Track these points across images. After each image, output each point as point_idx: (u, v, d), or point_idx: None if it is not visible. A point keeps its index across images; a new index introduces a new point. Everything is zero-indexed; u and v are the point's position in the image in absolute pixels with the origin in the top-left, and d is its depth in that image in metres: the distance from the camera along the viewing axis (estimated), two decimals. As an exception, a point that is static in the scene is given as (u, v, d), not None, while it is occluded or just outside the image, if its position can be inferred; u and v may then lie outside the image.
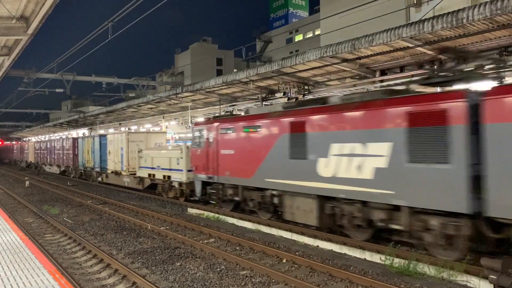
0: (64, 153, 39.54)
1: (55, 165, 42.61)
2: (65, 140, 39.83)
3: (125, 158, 26.24)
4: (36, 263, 8.05)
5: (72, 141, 36.82)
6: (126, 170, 26.23)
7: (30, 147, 54.27)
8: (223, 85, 19.21)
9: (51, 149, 43.74)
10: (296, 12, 75.96)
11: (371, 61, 14.05)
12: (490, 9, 9.40)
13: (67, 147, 38.23)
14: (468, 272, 8.72)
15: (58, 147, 41.39)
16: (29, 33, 11.52)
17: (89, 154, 32.61)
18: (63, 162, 40.01)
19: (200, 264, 10.31)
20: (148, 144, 26.41)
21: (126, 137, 26.48)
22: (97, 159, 30.67)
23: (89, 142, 32.56)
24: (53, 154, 43.09)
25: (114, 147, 27.90)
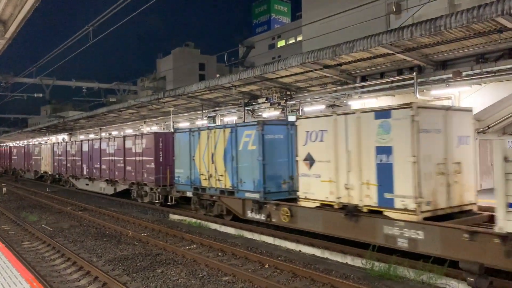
0: (128, 160, 23.08)
1: (102, 180, 26.24)
2: (135, 138, 22.56)
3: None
4: (13, 272, 7.86)
5: (155, 138, 20.76)
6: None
7: (44, 152, 37.76)
8: (206, 90, 19.20)
9: (92, 154, 27.65)
10: (278, 18, 76.46)
11: (352, 67, 14.25)
12: (467, 17, 9.64)
13: (138, 150, 22.01)
14: (447, 275, 8.86)
15: (110, 151, 25.14)
16: (7, 37, 11.31)
17: (218, 160, 15.54)
18: (123, 175, 23.44)
19: (182, 270, 10.23)
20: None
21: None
22: (256, 171, 13.82)
23: (223, 136, 15.29)
24: (97, 162, 26.82)
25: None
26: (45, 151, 37.64)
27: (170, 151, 20.01)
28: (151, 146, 20.83)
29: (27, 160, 43.84)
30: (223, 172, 15.16)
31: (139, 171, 21.79)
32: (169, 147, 20.15)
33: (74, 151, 30.65)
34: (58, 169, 34.34)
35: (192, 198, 17.25)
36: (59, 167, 34.20)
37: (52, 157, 35.53)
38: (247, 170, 14.13)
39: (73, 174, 31.03)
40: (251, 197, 13.94)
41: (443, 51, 12.12)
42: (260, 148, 13.53)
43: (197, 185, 16.61)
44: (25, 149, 45.06)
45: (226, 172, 14.98)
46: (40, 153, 39.07)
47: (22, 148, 47.00)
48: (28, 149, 43.96)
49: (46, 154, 37.21)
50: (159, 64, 77.84)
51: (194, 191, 16.84)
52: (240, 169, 14.45)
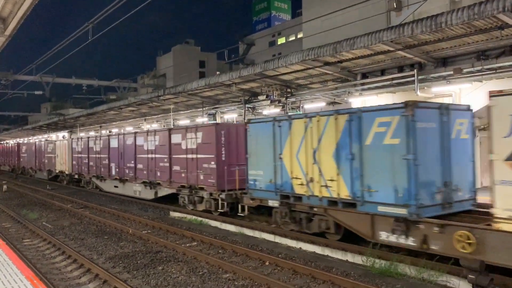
0: (175, 158, 19.01)
1: (138, 182, 22.08)
2: (185, 132, 18.32)
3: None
4: (13, 269, 7.86)
5: (216, 131, 16.56)
6: None
7: (60, 149, 33.44)
8: (206, 87, 19.16)
9: (123, 151, 23.63)
10: (278, 15, 76.33)
11: (352, 64, 14.21)
12: (468, 14, 9.61)
13: (191, 146, 17.87)
14: (448, 272, 8.85)
15: (149, 147, 21.01)
16: (7, 34, 11.30)
17: (324, 158, 11.74)
18: (169, 177, 19.48)
19: (183, 268, 10.23)
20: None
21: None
22: (402, 175, 9.73)
23: (334, 125, 11.39)
24: (131, 161, 22.73)
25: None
26: (61, 148, 33.22)
27: (235, 147, 16.69)
28: (210, 140, 16.70)
29: (39, 158, 39.42)
30: (334, 175, 11.17)
31: (193, 172, 17.67)
32: (234, 142, 16.68)
33: (99, 147, 26.52)
34: (78, 168, 30.07)
35: (277, 209, 13.23)
36: (79, 166, 29.84)
37: (70, 155, 31.18)
38: (381, 174, 10.09)
39: (97, 174, 26.89)
40: (390, 213, 9.86)
41: (444, 48, 12.08)
42: (408, 142, 9.44)
43: (286, 192, 12.70)
44: (36, 146, 40.56)
45: (339, 175, 11.00)
46: (54, 150, 34.87)
47: (32, 145, 42.42)
48: (40, 146, 39.62)
49: (62, 151, 32.78)
50: (159, 61, 77.72)
51: (282, 199, 12.90)
52: (367, 171, 10.40)
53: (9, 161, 53.38)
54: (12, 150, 51.97)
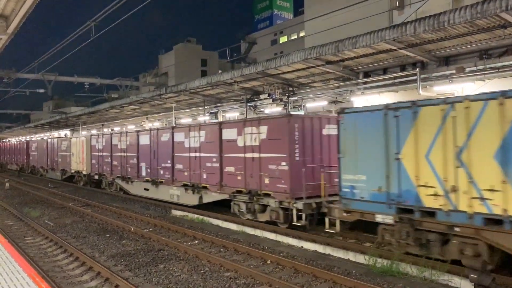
0: (228, 158, 16.29)
1: (177, 185, 19.16)
2: (243, 126, 15.60)
3: None
4: (15, 267, 7.88)
5: (289, 125, 13.84)
6: None
7: (76, 147, 30.31)
8: (208, 86, 19.15)
9: (157, 149, 20.81)
10: (280, 13, 76.31)
11: (354, 63, 14.18)
12: (471, 13, 9.57)
13: (251, 143, 15.18)
14: (450, 271, 8.84)
15: (191, 144, 18.29)
16: (9, 32, 11.28)
17: (477, 160, 8.78)
18: (219, 180, 16.66)
19: (184, 266, 10.25)
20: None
21: None
22: None
23: (496, 113, 8.43)
24: (166, 160, 20.02)
25: None
26: (77, 146, 29.97)
27: (312, 144, 13.99)
28: (280, 136, 13.85)
29: (51, 156, 36.27)
30: (496, 183, 8.32)
31: (254, 175, 14.76)
32: (310, 138, 13.98)
33: (125, 145, 23.53)
34: (99, 168, 26.92)
35: (390, 226, 10.29)
36: (100, 165, 26.66)
37: (88, 153, 28.21)
38: None
39: (123, 175, 23.78)
40: None
41: (446, 47, 12.04)
42: None
43: (407, 205, 9.83)
44: (48, 144, 37.48)
45: (507, 184, 8.16)
46: (69, 148, 31.71)
47: (43, 142, 39.17)
48: (52, 143, 36.41)
49: (79, 149, 29.53)
50: (161, 60, 77.79)
51: (399, 213, 9.96)
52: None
53: (16, 159, 50.09)
54: (20, 148, 48.52)
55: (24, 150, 46.20)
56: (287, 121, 13.66)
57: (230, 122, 16.82)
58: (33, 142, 44.22)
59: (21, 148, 47.80)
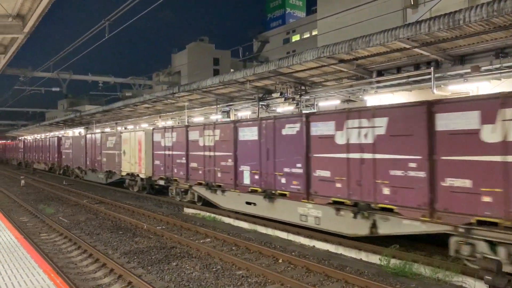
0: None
1: (314, 202, 12.60)
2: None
3: None
4: (31, 263, 8.01)
5: None
6: None
7: (130, 143, 24.47)
8: (220, 85, 19.20)
9: (273, 146, 14.19)
10: (293, 12, 76.08)
11: (368, 61, 14.09)
12: (487, 11, 9.44)
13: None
14: (464, 272, 8.75)
15: (359, 139, 11.23)
16: (26, 32, 11.45)
17: None
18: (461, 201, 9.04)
19: (196, 264, 10.30)
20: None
21: None
22: None
23: None
24: (297, 162, 13.19)
25: None
26: (130, 143, 24.01)
27: None
28: None
29: (92, 155, 30.53)
30: None
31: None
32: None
33: (212, 141, 17.17)
34: (165, 171, 20.70)
35: None
36: (168, 168, 20.44)
37: (149, 152, 22.12)
38: None
39: (208, 181, 17.48)
40: None
41: (461, 46, 11.89)
42: None
43: None
44: (87, 140, 31.76)
45: None
46: (118, 145, 25.89)
47: (81, 138, 33.71)
48: (93, 140, 30.60)
49: (134, 146, 23.54)
50: (174, 58, 78.16)
51: None
52: None
53: (45, 158, 44.12)
54: (50, 145, 42.22)
55: (54, 147, 40.53)
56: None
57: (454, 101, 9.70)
58: (66, 138, 38.61)
59: (51, 146, 41.96)
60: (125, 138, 25.11)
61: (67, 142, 37.24)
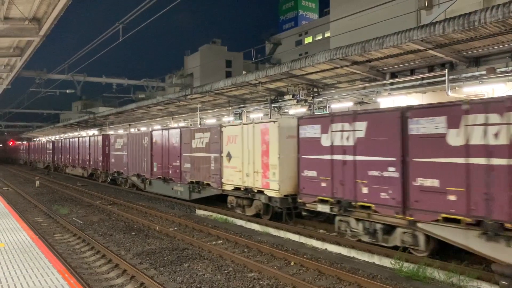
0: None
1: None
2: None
3: None
4: (45, 263, 8.10)
5: None
6: None
7: (248, 141, 16.09)
8: (232, 87, 19.24)
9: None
10: (305, 14, 75.95)
11: (381, 63, 13.99)
12: (503, 12, 9.31)
13: None
14: (479, 277, 8.61)
15: None
16: (41, 34, 11.62)
17: None
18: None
19: (208, 265, 10.32)
20: None
21: None
22: None
23: None
24: None
25: None
26: (243, 140, 16.37)
27: None
28: None
29: (164, 159, 22.20)
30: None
31: None
32: None
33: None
34: (332, 187, 12.35)
35: None
36: (342, 182, 12.00)
37: (288, 155, 14.46)
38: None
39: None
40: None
41: (476, 47, 11.74)
42: None
43: None
44: (154, 138, 23.59)
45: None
46: (216, 145, 18.00)
47: (142, 136, 24.94)
48: (166, 138, 22.23)
49: (249, 146, 15.95)
50: (186, 61, 78.53)
51: None
52: None
53: (83, 161, 35.97)
54: (91, 145, 34.15)
55: (98, 148, 32.45)
56: None
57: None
58: (117, 136, 29.26)
59: (93, 146, 33.73)
60: (231, 134, 17.10)
61: (119, 142, 28.61)
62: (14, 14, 10.91)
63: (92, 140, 34.44)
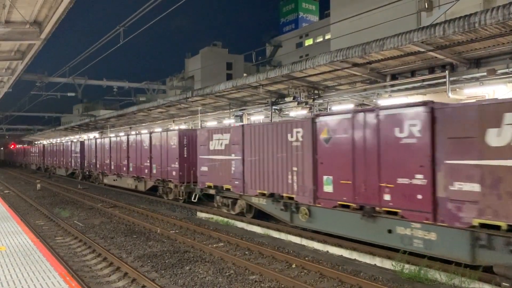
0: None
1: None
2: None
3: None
4: (47, 266, 8.10)
5: None
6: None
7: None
8: (233, 89, 19.26)
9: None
10: (306, 16, 75.98)
11: (381, 65, 14.01)
12: (503, 13, 9.32)
13: None
14: (480, 279, 8.60)
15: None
16: (42, 38, 11.65)
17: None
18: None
19: (209, 268, 10.31)
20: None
21: None
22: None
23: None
24: None
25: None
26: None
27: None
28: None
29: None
30: None
31: None
32: None
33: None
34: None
35: None
36: None
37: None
38: None
39: None
40: None
41: (477, 49, 11.75)
42: None
43: None
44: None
45: None
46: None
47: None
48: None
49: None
50: (187, 63, 78.63)
51: None
52: None
53: (138, 169, 26.00)
54: (135, 145, 26.54)
55: (169, 149, 22.65)
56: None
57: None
58: (215, 131, 18.15)
59: (137, 146, 26.18)
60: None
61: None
62: (15, 17, 10.93)
63: (157, 138, 23.91)
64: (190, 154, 21.69)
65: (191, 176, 20.78)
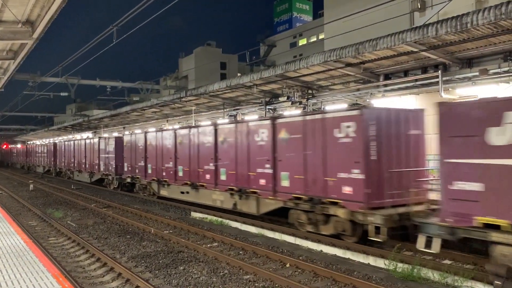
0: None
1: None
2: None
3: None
4: (40, 267, 8.05)
5: None
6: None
7: None
8: (227, 89, 19.25)
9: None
10: (300, 16, 76.14)
11: (375, 65, 14.07)
12: (495, 14, 9.40)
13: None
14: (473, 277, 8.66)
15: None
16: (35, 37, 11.56)
17: None
18: None
19: (204, 268, 10.30)
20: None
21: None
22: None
23: None
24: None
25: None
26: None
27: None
28: None
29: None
30: None
31: None
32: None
33: None
34: None
35: None
36: None
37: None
38: None
39: None
40: None
41: (469, 49, 11.84)
42: None
43: None
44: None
45: None
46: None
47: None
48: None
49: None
50: (181, 63, 78.46)
51: None
52: None
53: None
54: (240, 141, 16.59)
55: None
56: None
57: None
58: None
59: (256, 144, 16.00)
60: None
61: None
62: (7, 17, 10.85)
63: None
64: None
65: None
